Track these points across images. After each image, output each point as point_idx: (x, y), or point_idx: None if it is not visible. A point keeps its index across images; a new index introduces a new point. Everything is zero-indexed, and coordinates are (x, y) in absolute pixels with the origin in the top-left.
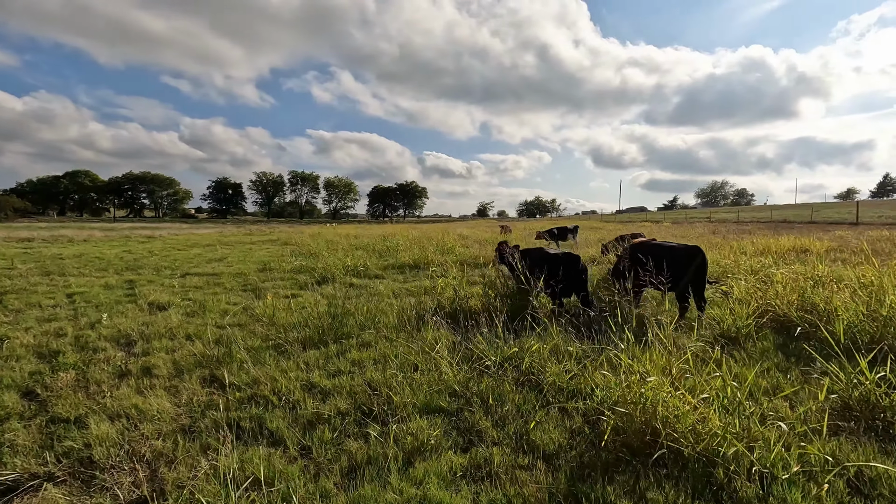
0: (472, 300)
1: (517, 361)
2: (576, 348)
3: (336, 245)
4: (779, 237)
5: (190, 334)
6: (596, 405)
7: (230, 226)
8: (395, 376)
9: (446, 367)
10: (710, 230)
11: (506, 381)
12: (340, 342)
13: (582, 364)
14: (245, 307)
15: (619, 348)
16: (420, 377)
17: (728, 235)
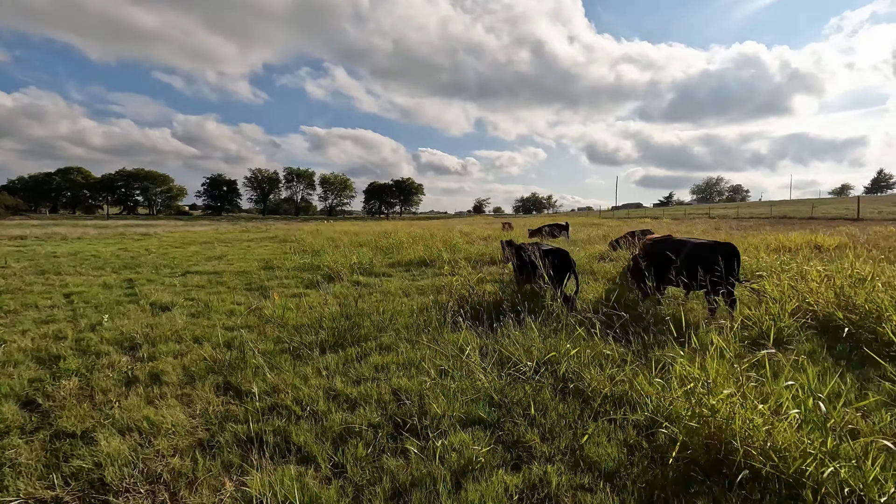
0: (489, 298)
1: (553, 366)
2: (612, 351)
3: (337, 242)
4: (787, 233)
5: (198, 337)
6: (649, 415)
7: (226, 223)
8: (424, 383)
9: (480, 373)
10: (712, 226)
11: (545, 388)
12: (359, 345)
13: (621, 369)
14: (251, 307)
15: (667, 353)
16: (452, 384)
17: (733, 231)
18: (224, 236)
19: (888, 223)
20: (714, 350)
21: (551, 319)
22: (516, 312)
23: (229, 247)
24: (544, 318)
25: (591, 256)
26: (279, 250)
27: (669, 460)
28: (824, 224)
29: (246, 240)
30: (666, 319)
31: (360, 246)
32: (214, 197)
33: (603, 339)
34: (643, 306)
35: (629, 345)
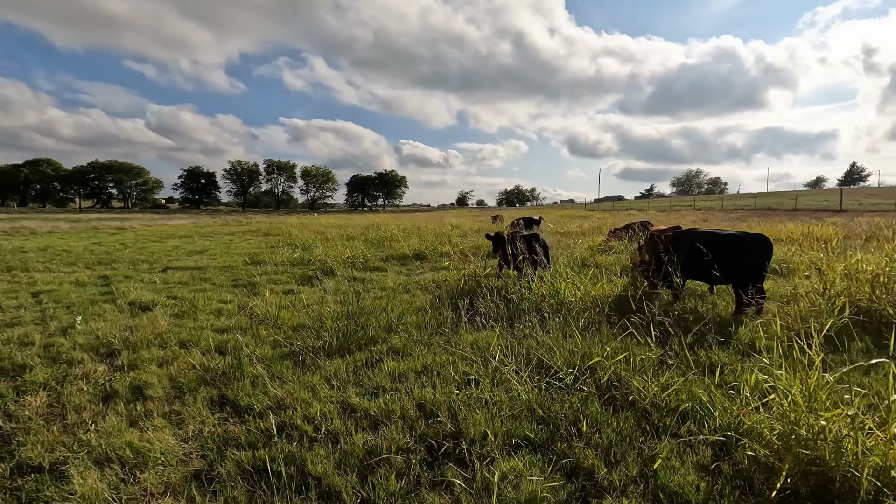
0: (501, 292)
1: (593, 371)
2: (651, 353)
3: (325, 235)
4: (781, 224)
5: (184, 341)
6: (718, 430)
7: (204, 216)
8: (452, 394)
9: (516, 382)
10: (699, 218)
11: (592, 400)
12: (367, 348)
13: (671, 374)
14: (241, 306)
15: (714, 355)
16: (484, 395)
17: (723, 223)
18: (204, 230)
19: (872, 214)
20: (795, 355)
21: (565, 316)
22: (538, 310)
23: (210, 241)
24: (561, 315)
25: (591, 249)
26: (264, 244)
27: (772, 493)
28: (809, 215)
29: (227, 233)
30: (704, 317)
31: (349, 239)
32: (192, 190)
33: (633, 338)
34: (660, 302)
35: (664, 345)
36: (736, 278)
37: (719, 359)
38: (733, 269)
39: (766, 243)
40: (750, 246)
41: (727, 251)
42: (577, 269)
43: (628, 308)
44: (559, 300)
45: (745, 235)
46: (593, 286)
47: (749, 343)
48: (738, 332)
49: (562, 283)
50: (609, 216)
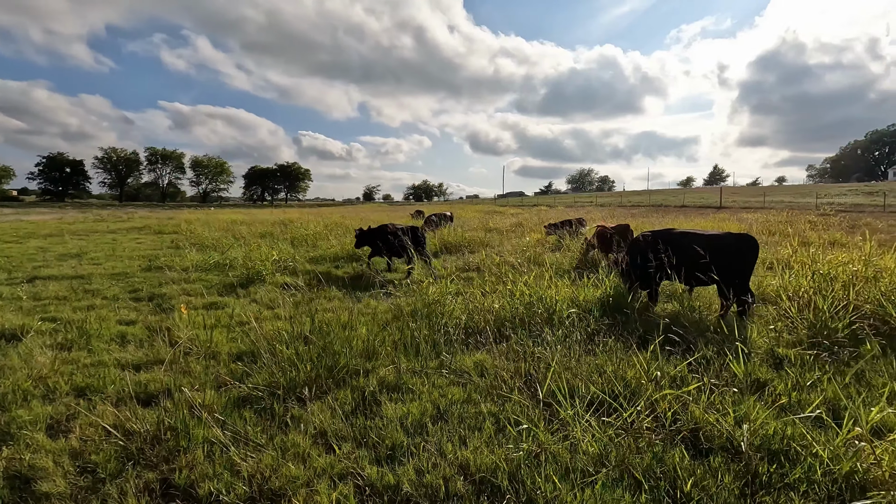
0: (478, 302)
1: (631, 394)
2: (671, 369)
3: (235, 233)
4: (691, 220)
5: (82, 387)
6: (829, 474)
7: (72, 210)
8: (497, 449)
9: (573, 422)
10: (608, 213)
11: (667, 444)
12: (347, 383)
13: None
14: (152, 327)
15: (757, 370)
16: (533, 445)
17: (643, 218)
18: (74, 227)
19: (749, 210)
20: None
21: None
22: (524, 321)
23: (87, 241)
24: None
25: (532, 246)
26: (159, 244)
27: None
28: (698, 211)
29: (105, 231)
30: (694, 321)
31: (261, 237)
32: (54, 180)
33: (637, 347)
34: (641, 306)
35: (681, 359)
36: (721, 279)
37: (757, 373)
38: (719, 269)
39: (752, 243)
40: (736, 246)
41: (712, 252)
42: (529, 269)
43: (619, 313)
44: (548, 308)
45: (731, 235)
46: (577, 290)
47: (769, 351)
48: (751, 338)
49: (545, 287)
50: (523, 211)
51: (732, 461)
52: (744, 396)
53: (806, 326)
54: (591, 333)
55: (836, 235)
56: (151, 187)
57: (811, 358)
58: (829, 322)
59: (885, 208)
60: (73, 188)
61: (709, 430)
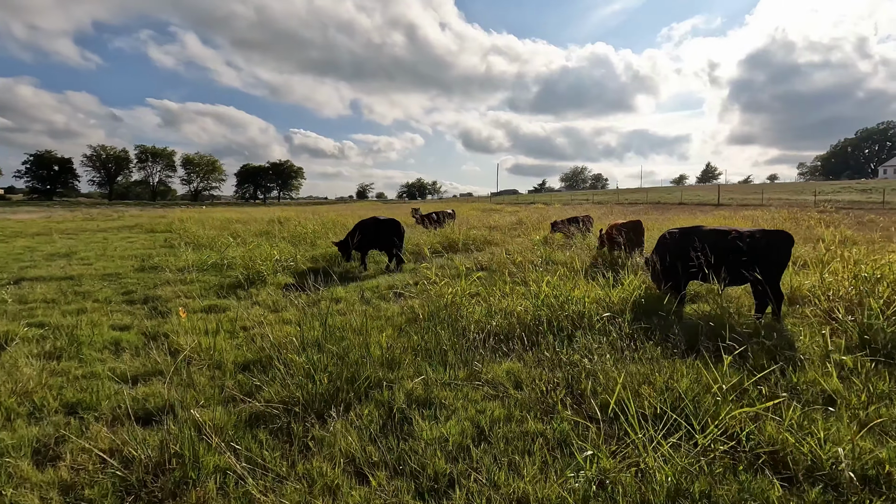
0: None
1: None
2: (729, 381)
3: (231, 231)
4: (702, 216)
5: (73, 403)
6: None
7: (60, 209)
8: (554, 480)
9: (646, 451)
10: (606, 211)
11: (751, 471)
12: (370, 397)
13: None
14: (148, 333)
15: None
16: (593, 473)
17: (645, 216)
18: (63, 226)
19: (748, 207)
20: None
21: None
22: (551, 323)
23: (76, 240)
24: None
25: (539, 244)
26: (151, 243)
27: None
28: (697, 209)
29: (96, 230)
30: (734, 322)
31: (258, 236)
32: (42, 178)
33: (684, 354)
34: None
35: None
36: (755, 278)
37: (822, 382)
38: (752, 268)
39: (787, 240)
40: (772, 243)
41: (749, 249)
42: (545, 268)
43: (647, 315)
44: (579, 311)
45: (765, 232)
46: (604, 290)
47: (823, 356)
48: (800, 342)
49: (571, 286)
50: (521, 209)
51: (826, 490)
52: (814, 410)
53: (857, 330)
54: (625, 338)
55: (847, 232)
56: (141, 185)
57: (872, 365)
58: (885, 325)
59: (885, 205)
60: (62, 186)
61: (789, 451)
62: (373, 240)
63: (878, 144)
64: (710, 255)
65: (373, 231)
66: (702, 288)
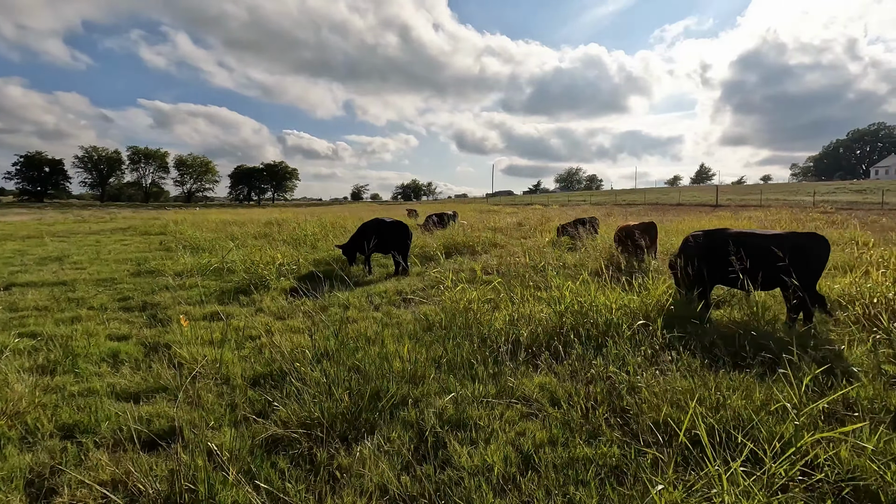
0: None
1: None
2: (788, 398)
3: (227, 233)
4: (706, 217)
5: (69, 426)
6: None
7: (51, 211)
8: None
9: (721, 484)
10: (606, 212)
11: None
12: (396, 417)
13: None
14: (148, 343)
15: None
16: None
17: (647, 217)
18: (54, 228)
19: (748, 208)
20: None
21: None
22: (576, 330)
23: (68, 243)
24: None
25: (546, 246)
26: (146, 245)
27: None
28: (697, 209)
29: (88, 232)
30: (764, 331)
31: (257, 238)
32: (32, 180)
33: (728, 367)
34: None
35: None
36: (793, 283)
37: (884, 397)
38: (790, 273)
39: (823, 243)
40: (807, 247)
41: (781, 254)
42: (559, 271)
43: (678, 323)
44: (606, 319)
45: (797, 235)
46: (630, 296)
47: (876, 368)
48: (849, 352)
49: (593, 293)
50: (519, 210)
51: None
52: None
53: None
54: (657, 349)
55: (857, 233)
56: (134, 187)
57: None
58: None
59: (884, 206)
60: (53, 188)
61: (869, 481)
62: (378, 243)
63: (869, 145)
64: (751, 260)
65: (377, 234)
66: (723, 292)
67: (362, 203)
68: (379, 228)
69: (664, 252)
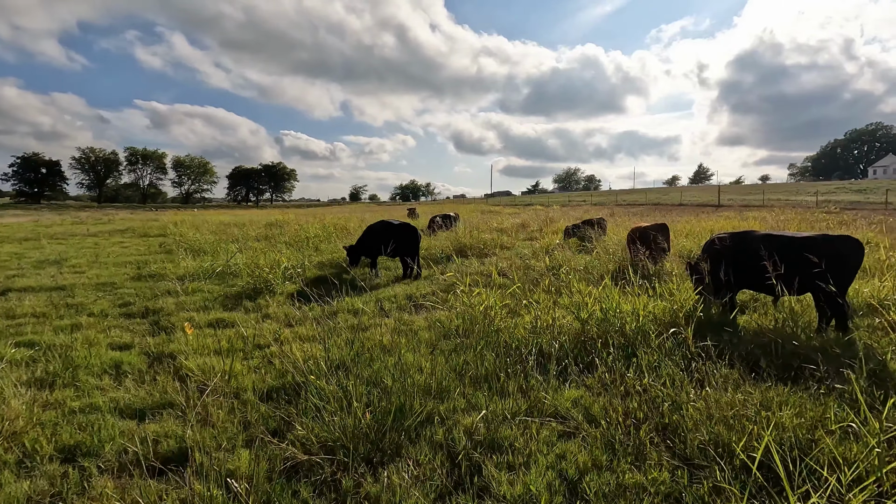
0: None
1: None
2: (839, 416)
3: (228, 236)
4: (703, 219)
5: (71, 447)
6: None
7: (48, 212)
8: None
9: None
10: (608, 212)
11: None
12: (421, 437)
13: None
14: (151, 353)
15: None
16: None
17: (652, 217)
18: (52, 230)
19: (751, 208)
20: None
21: None
22: (603, 339)
23: (66, 245)
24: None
25: (554, 247)
26: (146, 248)
27: None
28: (700, 210)
29: (86, 234)
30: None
31: (258, 240)
32: (29, 181)
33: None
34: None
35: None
36: (817, 287)
37: None
38: (825, 278)
39: (856, 247)
40: (840, 250)
41: (815, 258)
42: (575, 275)
43: (710, 330)
44: (634, 327)
45: (829, 238)
46: (655, 301)
47: None
48: (885, 361)
49: (617, 298)
50: (520, 211)
51: None
52: None
53: None
54: (690, 358)
55: (870, 234)
56: (132, 188)
57: None
58: None
59: (888, 206)
60: (50, 189)
61: None
62: (387, 246)
63: (866, 145)
64: (782, 264)
65: (385, 236)
66: (747, 297)
67: (361, 203)
68: (387, 231)
69: (676, 254)
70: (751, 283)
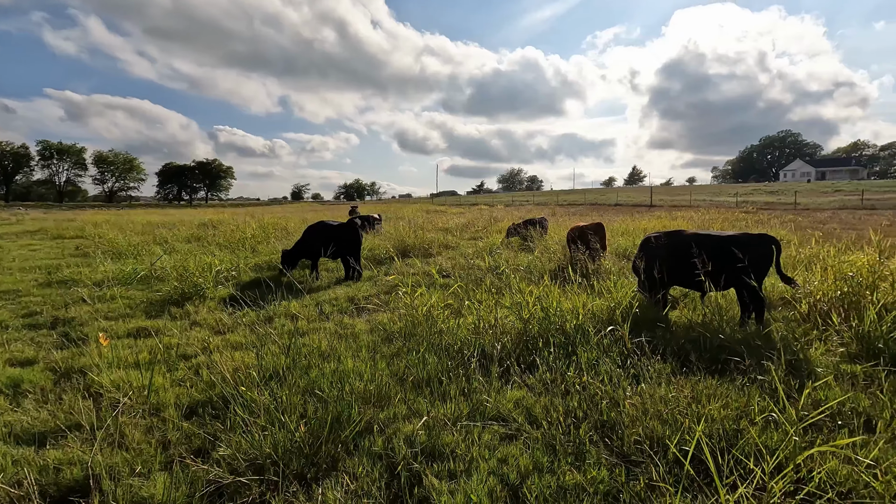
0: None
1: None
2: (760, 404)
3: (155, 237)
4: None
5: None
6: None
7: None
8: None
9: None
10: (549, 212)
11: None
12: (360, 447)
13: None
14: (57, 369)
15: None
16: None
17: (588, 217)
18: None
19: (680, 208)
20: None
21: None
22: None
23: None
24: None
25: (497, 247)
26: (59, 251)
27: None
28: (633, 209)
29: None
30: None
31: (189, 241)
32: None
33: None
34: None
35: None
36: (740, 283)
37: (853, 400)
38: (748, 273)
39: (776, 245)
40: (760, 247)
41: (741, 255)
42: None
43: (644, 326)
44: (574, 324)
45: (750, 236)
46: (592, 298)
47: (833, 368)
48: (812, 355)
49: (558, 297)
50: (465, 211)
51: None
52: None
53: (854, 338)
54: (627, 354)
55: (783, 232)
56: (45, 185)
57: (885, 375)
58: (887, 332)
59: (797, 206)
60: None
61: (863, 493)
62: (326, 248)
63: (778, 151)
64: (709, 262)
65: (325, 237)
66: (676, 293)
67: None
68: (326, 232)
69: (612, 252)
70: (681, 280)
